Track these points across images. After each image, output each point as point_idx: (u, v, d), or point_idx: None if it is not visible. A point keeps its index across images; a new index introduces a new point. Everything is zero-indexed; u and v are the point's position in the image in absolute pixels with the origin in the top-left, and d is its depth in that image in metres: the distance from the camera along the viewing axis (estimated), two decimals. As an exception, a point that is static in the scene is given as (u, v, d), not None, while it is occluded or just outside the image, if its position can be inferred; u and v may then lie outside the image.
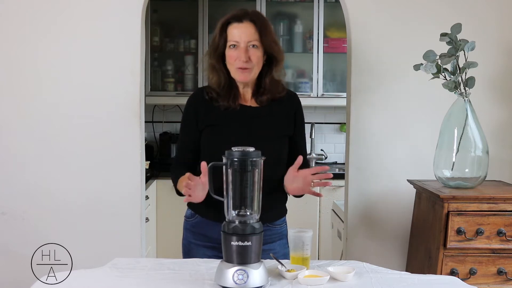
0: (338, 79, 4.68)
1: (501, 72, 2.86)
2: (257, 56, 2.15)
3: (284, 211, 2.32)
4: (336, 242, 3.64)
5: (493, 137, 2.80)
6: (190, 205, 2.27)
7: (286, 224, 2.31)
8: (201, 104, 2.23)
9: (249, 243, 1.71)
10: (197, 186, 2.00)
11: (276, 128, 2.22)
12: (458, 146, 2.48)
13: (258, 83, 2.23)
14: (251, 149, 1.77)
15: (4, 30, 2.79)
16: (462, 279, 2.07)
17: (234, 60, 2.15)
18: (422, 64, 2.48)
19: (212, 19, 4.50)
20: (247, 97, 2.24)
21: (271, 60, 2.21)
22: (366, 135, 2.86)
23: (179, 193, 2.20)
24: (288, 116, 2.25)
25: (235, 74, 2.18)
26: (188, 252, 2.26)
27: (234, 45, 2.15)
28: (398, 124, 2.86)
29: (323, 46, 4.60)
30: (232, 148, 1.77)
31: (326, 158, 4.92)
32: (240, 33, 2.14)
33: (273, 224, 2.24)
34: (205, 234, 2.20)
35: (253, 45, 2.14)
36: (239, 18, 2.16)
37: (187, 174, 2.02)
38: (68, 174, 2.81)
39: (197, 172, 2.10)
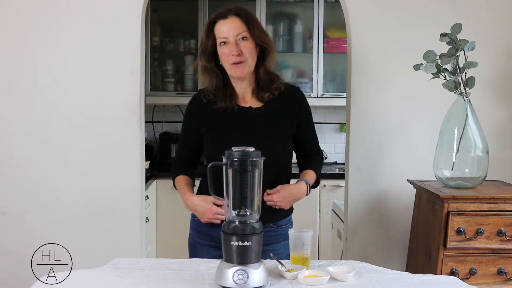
0: (338, 79, 4.68)
1: (501, 72, 2.86)
2: (248, 48, 2.14)
3: (289, 210, 2.28)
4: (336, 242, 3.64)
5: (493, 137, 2.80)
6: None
7: (291, 225, 2.29)
8: (201, 109, 2.23)
9: (249, 243, 1.71)
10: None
11: (278, 127, 2.21)
12: (458, 146, 2.48)
13: (257, 80, 2.22)
14: (251, 149, 1.77)
15: (4, 30, 2.79)
16: (462, 279, 2.07)
17: (226, 56, 2.14)
18: (422, 64, 2.48)
19: (212, 19, 4.51)
20: (247, 98, 2.23)
21: (263, 53, 2.20)
22: (366, 135, 2.86)
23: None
24: (289, 114, 2.23)
25: (230, 70, 2.17)
26: (193, 250, 2.27)
27: (224, 42, 2.14)
28: (398, 124, 2.86)
29: (323, 46, 4.60)
30: (232, 148, 1.77)
31: (326, 158, 4.91)
32: (227, 29, 2.13)
33: (277, 225, 2.23)
34: (209, 234, 2.20)
35: (243, 38, 2.13)
36: (223, 15, 2.15)
37: (211, 199, 2.09)
38: (68, 174, 2.81)
39: (196, 171, 2.28)
